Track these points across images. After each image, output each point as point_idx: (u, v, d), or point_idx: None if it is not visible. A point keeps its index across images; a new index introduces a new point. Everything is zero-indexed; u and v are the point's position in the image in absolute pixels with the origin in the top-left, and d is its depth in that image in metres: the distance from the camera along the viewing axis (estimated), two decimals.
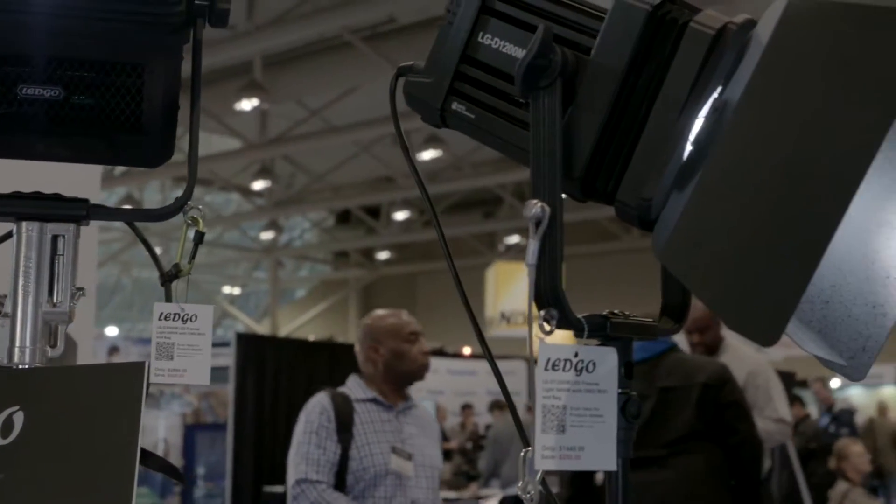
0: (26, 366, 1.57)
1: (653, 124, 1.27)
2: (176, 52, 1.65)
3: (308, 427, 4.51)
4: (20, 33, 1.49)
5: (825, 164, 1.10)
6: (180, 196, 1.71)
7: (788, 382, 8.87)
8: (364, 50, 15.89)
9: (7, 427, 1.51)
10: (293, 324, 30.60)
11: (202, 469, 11.66)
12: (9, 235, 1.62)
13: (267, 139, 19.36)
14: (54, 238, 1.60)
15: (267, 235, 27.32)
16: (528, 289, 1.25)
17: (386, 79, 1.54)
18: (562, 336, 1.30)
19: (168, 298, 1.81)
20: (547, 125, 1.28)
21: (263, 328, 29.20)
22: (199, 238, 1.78)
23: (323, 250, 32.10)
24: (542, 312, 1.26)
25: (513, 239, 25.99)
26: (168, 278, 1.81)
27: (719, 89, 1.24)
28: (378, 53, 15.45)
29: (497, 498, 11.06)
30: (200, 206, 1.74)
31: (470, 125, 1.42)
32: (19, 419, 1.52)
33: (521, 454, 1.27)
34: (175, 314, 1.80)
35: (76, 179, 2.09)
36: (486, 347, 1.42)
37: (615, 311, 1.37)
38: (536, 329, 1.30)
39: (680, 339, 6.28)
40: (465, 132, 1.43)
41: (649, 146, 1.27)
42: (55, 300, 1.60)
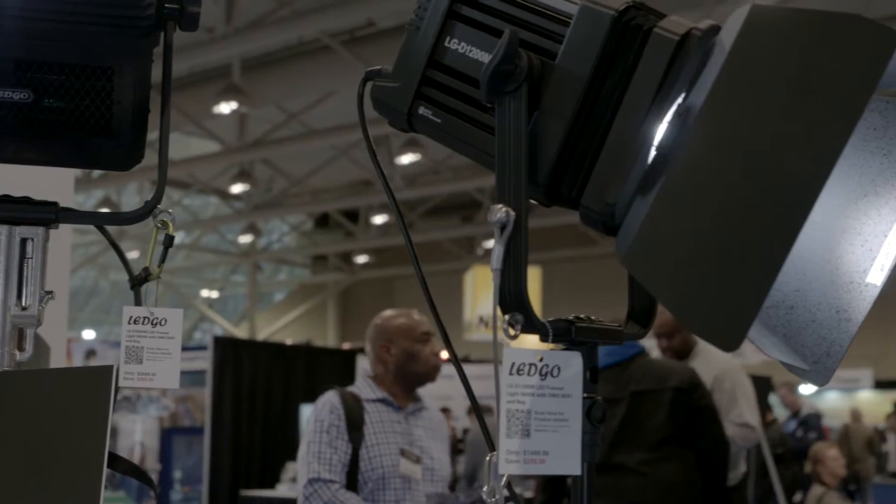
0: None
1: (617, 130, 1.28)
2: (146, 56, 1.64)
3: (319, 426, 4.40)
4: None
5: (787, 170, 1.11)
6: (150, 199, 1.71)
7: (764, 387, 8.88)
8: (343, 54, 15.88)
9: None
10: (271, 327, 30.55)
11: (179, 473, 11.63)
12: None
13: (246, 142, 19.32)
14: (23, 241, 1.60)
15: (245, 239, 27.26)
16: (493, 293, 1.25)
17: None
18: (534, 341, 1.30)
19: (138, 302, 1.81)
20: (512, 130, 1.29)
21: (242, 332, 29.12)
22: (169, 242, 1.78)
23: (301, 254, 32.05)
24: (507, 317, 1.26)
25: (491, 243, 25.91)
26: (138, 282, 1.81)
27: (683, 95, 1.24)
28: (357, 57, 15.43)
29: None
30: (170, 210, 1.74)
31: (436, 130, 1.42)
32: None
33: (487, 458, 1.27)
34: (145, 318, 1.80)
35: (50, 182, 2.08)
36: (452, 350, 1.42)
37: (580, 316, 1.37)
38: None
39: (650, 344, 6.31)
40: (432, 136, 1.43)
41: (613, 151, 1.27)
42: (24, 303, 1.59)
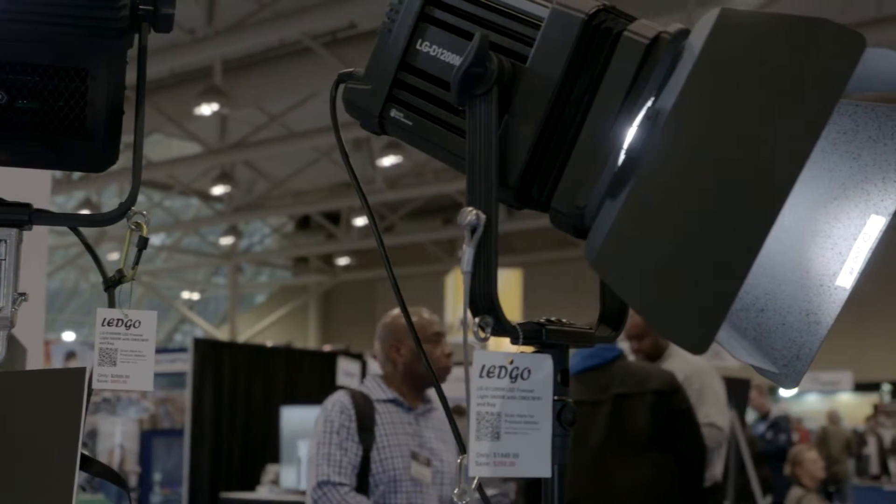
0: None
1: (587, 133, 1.28)
2: (120, 57, 1.64)
3: (329, 426, 4.32)
4: None
5: (756, 174, 1.11)
6: (124, 201, 1.70)
7: (743, 390, 8.91)
8: (324, 55, 15.88)
9: None
10: (253, 329, 30.51)
11: (159, 475, 11.59)
12: None
13: (227, 144, 19.31)
14: None
15: (226, 241, 27.22)
16: (463, 296, 1.25)
17: None
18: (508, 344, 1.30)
19: (112, 304, 1.81)
20: (482, 133, 1.29)
21: (223, 334, 29.08)
22: (143, 243, 1.77)
23: (283, 256, 32.02)
24: (477, 319, 1.26)
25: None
26: (112, 284, 1.80)
27: (653, 98, 1.25)
28: (338, 59, 15.43)
29: None
30: (144, 212, 1.73)
31: (408, 132, 1.42)
32: None
33: (458, 461, 1.27)
34: (118, 320, 1.80)
35: (26, 184, 2.08)
36: (423, 352, 1.42)
37: (551, 319, 1.37)
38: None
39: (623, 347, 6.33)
40: (403, 139, 1.43)
41: (583, 154, 1.27)
42: None
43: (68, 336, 23.82)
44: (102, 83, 1.63)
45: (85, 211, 18.22)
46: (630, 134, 1.25)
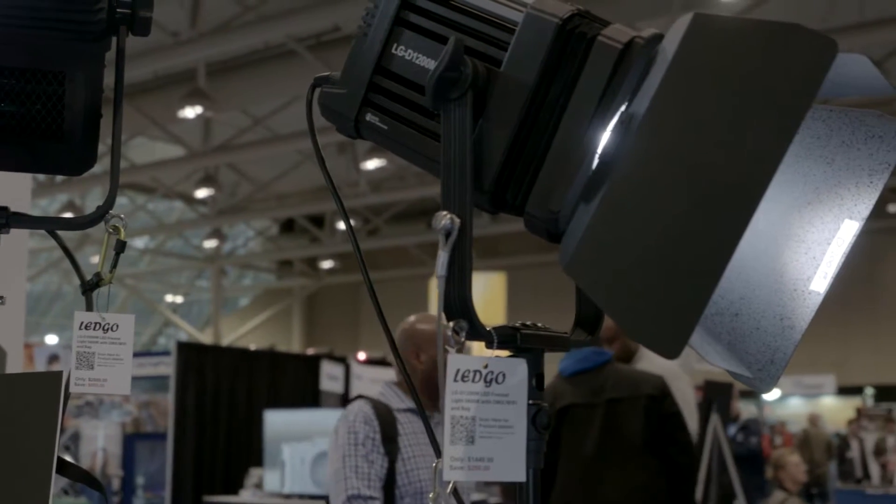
0: None
1: (561, 137, 1.28)
2: (97, 60, 1.64)
3: (353, 438, 4.14)
4: None
5: (728, 178, 1.12)
6: (101, 204, 1.70)
7: (727, 393, 8.91)
8: (308, 59, 15.88)
9: None
10: (236, 333, 30.47)
11: (142, 479, 11.56)
12: None
13: (210, 147, 19.29)
14: None
15: (210, 244, 27.18)
16: (438, 300, 1.25)
17: None
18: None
19: (89, 307, 1.80)
20: (457, 137, 1.29)
21: (206, 337, 29.04)
22: (121, 247, 1.77)
23: (266, 259, 32.00)
24: (452, 323, 1.26)
25: None
26: (89, 287, 1.80)
27: (626, 103, 1.25)
28: (323, 62, 15.43)
29: None
30: (122, 215, 1.73)
31: (383, 136, 1.42)
32: None
33: (433, 465, 1.27)
34: (96, 323, 1.79)
35: (6, 186, 2.07)
36: (398, 356, 1.42)
37: (526, 323, 1.38)
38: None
39: None
40: (379, 143, 1.43)
41: (557, 159, 1.28)
42: None
43: (51, 339, 23.73)
44: (80, 86, 1.63)
45: (67, 214, 18.18)
46: (604, 138, 1.25)
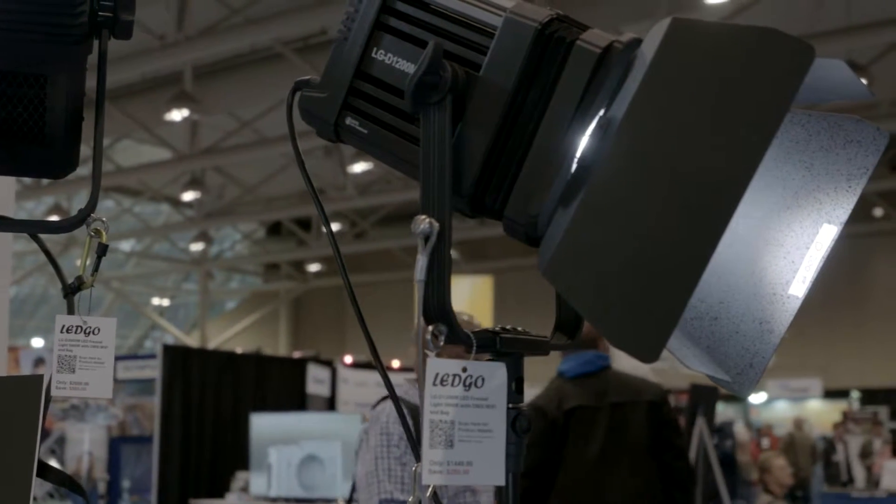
0: None
1: (540, 142, 1.28)
2: (79, 63, 1.63)
3: (386, 440, 4.02)
4: None
5: (705, 183, 1.12)
6: (83, 208, 1.69)
7: (711, 396, 8.93)
8: (296, 62, 15.88)
9: None
10: (223, 336, 30.41)
11: (127, 482, 11.54)
12: None
13: (197, 150, 19.26)
14: None
15: (197, 247, 27.14)
16: (417, 304, 1.26)
17: None
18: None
19: (71, 311, 1.80)
20: (436, 141, 1.29)
21: (193, 340, 28.99)
22: (103, 250, 1.76)
23: (253, 262, 31.97)
24: (431, 328, 1.26)
25: None
26: (70, 291, 1.80)
27: (605, 107, 1.25)
28: (310, 65, 15.42)
29: None
30: (104, 218, 1.73)
31: (363, 140, 1.42)
32: None
33: (413, 469, 1.27)
34: (77, 327, 1.79)
35: None
36: (378, 359, 1.42)
37: (506, 327, 1.38)
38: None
39: None
40: (359, 147, 1.43)
41: (536, 163, 1.28)
42: None
43: (37, 342, 23.69)
44: (61, 89, 1.62)
45: (53, 216, 18.14)
46: (582, 143, 1.25)
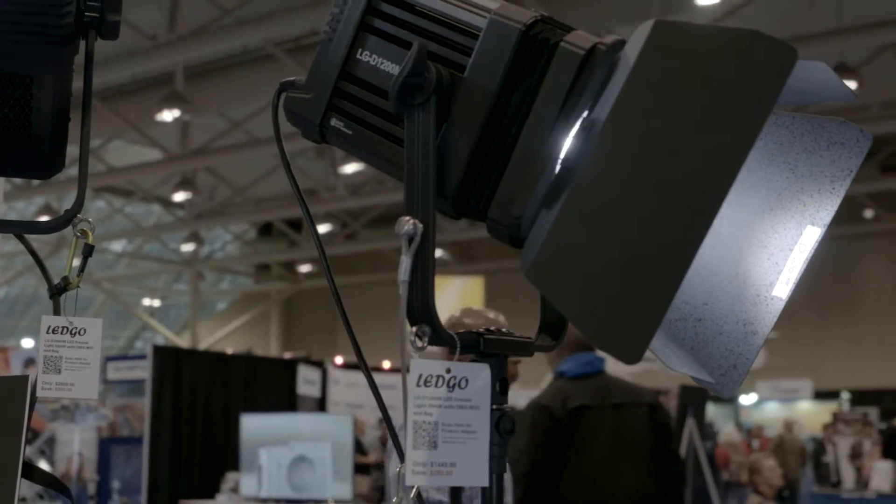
0: None
1: (524, 143, 1.28)
2: (65, 64, 1.63)
3: None
4: None
5: (689, 184, 1.12)
6: (69, 208, 1.69)
7: (700, 398, 8.95)
8: (287, 62, 15.86)
9: None
10: (214, 336, 30.37)
11: (117, 483, 11.51)
12: None
13: (188, 150, 19.23)
14: None
15: (188, 247, 27.11)
16: (400, 305, 1.26)
17: None
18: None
19: (57, 311, 1.80)
20: (420, 143, 1.29)
21: (184, 341, 28.94)
22: (89, 251, 1.76)
23: (244, 263, 31.92)
24: (414, 329, 1.26)
25: (435, 254, 26.00)
26: (56, 291, 1.79)
27: (588, 109, 1.25)
28: (301, 66, 15.40)
29: None
30: (90, 219, 1.72)
31: (347, 141, 1.42)
32: None
33: (396, 470, 1.27)
34: (63, 327, 1.79)
35: None
36: (362, 358, 1.42)
37: (490, 328, 1.38)
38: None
39: None
40: (343, 148, 1.43)
41: (520, 165, 1.28)
42: None
43: (27, 343, 23.64)
44: (48, 90, 1.62)
45: (44, 217, 18.11)
46: (566, 144, 1.25)
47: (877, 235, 24.97)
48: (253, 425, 10.11)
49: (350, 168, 19.16)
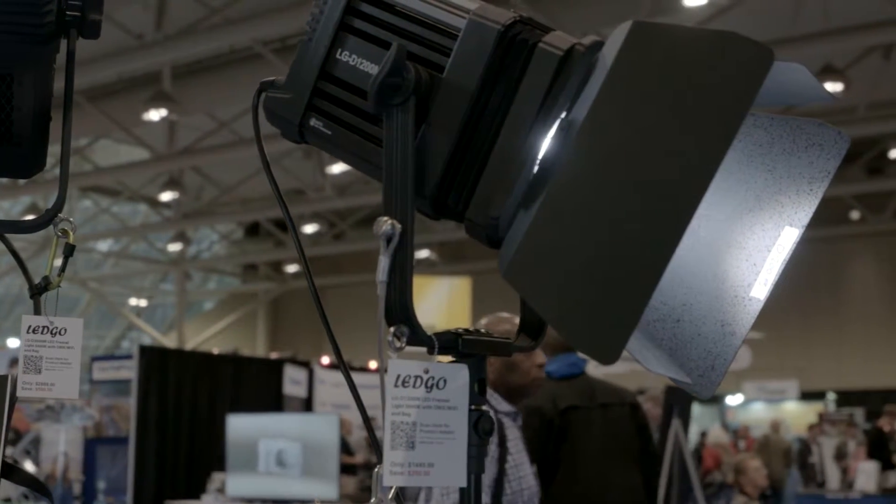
0: None
1: (502, 144, 1.28)
2: (46, 63, 1.63)
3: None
4: None
5: (666, 185, 1.12)
6: (50, 208, 1.69)
7: (686, 399, 8.94)
8: (274, 62, 15.82)
9: None
10: (201, 336, 30.31)
11: (103, 483, 11.49)
12: None
13: (175, 150, 19.20)
14: None
15: (175, 247, 27.05)
16: (378, 305, 1.25)
17: None
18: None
19: (37, 311, 1.79)
20: (399, 143, 1.29)
21: (170, 341, 28.87)
22: (70, 250, 1.76)
23: (231, 263, 31.87)
24: (393, 329, 1.26)
25: (422, 253, 26.05)
26: (37, 291, 1.79)
27: (566, 109, 1.25)
28: (288, 66, 15.32)
29: None
30: (71, 219, 1.72)
31: (327, 141, 1.42)
32: None
33: (375, 471, 1.27)
34: (44, 327, 1.78)
35: None
36: (341, 359, 1.42)
37: (469, 329, 1.38)
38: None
39: None
40: (323, 148, 1.43)
41: (498, 165, 1.28)
42: None
43: (13, 343, 23.55)
44: (29, 89, 1.62)
45: (30, 216, 18.05)
46: (544, 145, 1.26)
47: (863, 237, 25.03)
48: (239, 425, 10.09)
49: (337, 168, 19.13)
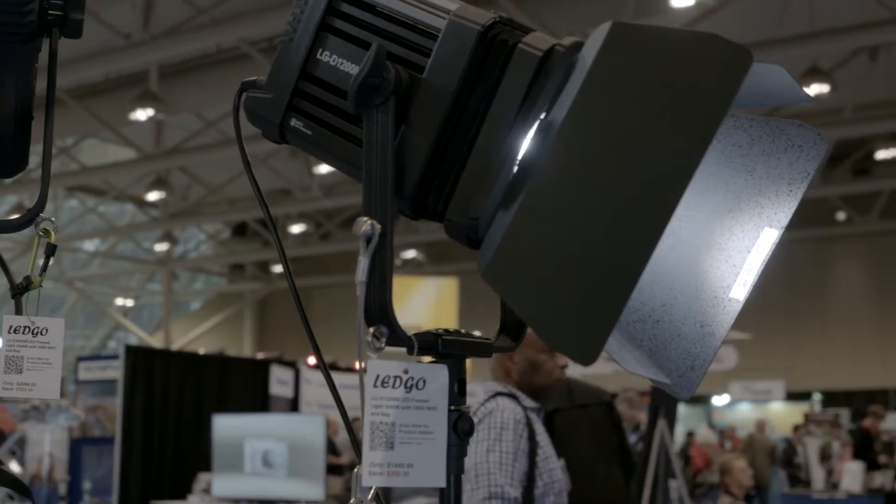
0: None
1: (481, 144, 1.28)
2: (28, 62, 1.62)
3: (501, 434, 3.86)
4: None
5: (644, 186, 1.12)
6: (31, 207, 1.68)
7: (672, 399, 8.96)
8: (262, 62, 15.82)
9: None
10: (187, 336, 30.29)
11: (89, 484, 11.47)
12: None
13: (162, 150, 19.19)
14: None
15: (161, 247, 27.04)
16: (358, 306, 1.25)
17: None
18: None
19: (18, 311, 1.79)
20: (379, 143, 1.29)
21: (157, 341, 28.85)
22: (52, 250, 1.75)
23: (218, 263, 31.85)
24: (372, 329, 1.26)
25: (409, 254, 26.07)
26: (18, 291, 1.78)
27: (546, 110, 1.25)
28: None
29: None
30: (52, 218, 1.71)
31: (307, 142, 1.42)
32: None
33: (354, 471, 1.27)
34: (25, 327, 1.78)
35: None
36: (321, 359, 1.42)
37: (448, 329, 1.38)
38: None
39: None
40: (304, 149, 1.43)
41: (477, 166, 1.28)
42: None
43: None
44: (10, 88, 1.61)
45: (15, 216, 18.01)
46: (524, 145, 1.26)
47: (849, 238, 25.12)
48: (225, 426, 10.08)
49: (324, 168, 19.14)
